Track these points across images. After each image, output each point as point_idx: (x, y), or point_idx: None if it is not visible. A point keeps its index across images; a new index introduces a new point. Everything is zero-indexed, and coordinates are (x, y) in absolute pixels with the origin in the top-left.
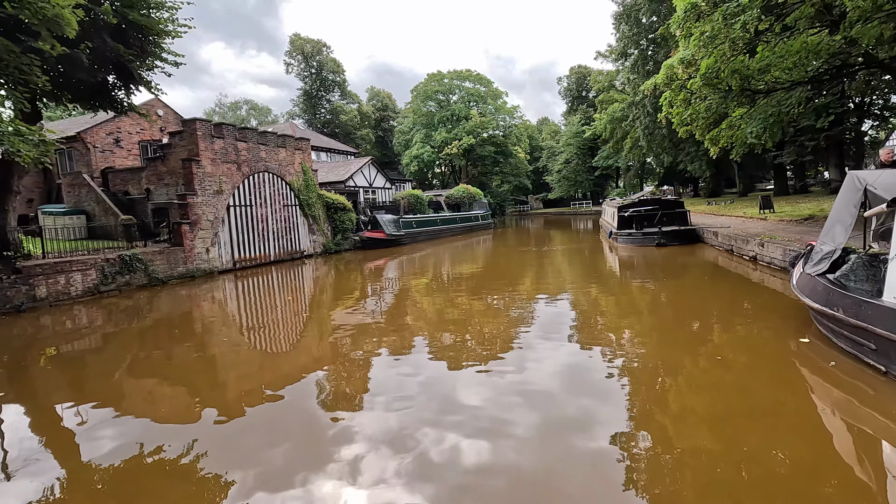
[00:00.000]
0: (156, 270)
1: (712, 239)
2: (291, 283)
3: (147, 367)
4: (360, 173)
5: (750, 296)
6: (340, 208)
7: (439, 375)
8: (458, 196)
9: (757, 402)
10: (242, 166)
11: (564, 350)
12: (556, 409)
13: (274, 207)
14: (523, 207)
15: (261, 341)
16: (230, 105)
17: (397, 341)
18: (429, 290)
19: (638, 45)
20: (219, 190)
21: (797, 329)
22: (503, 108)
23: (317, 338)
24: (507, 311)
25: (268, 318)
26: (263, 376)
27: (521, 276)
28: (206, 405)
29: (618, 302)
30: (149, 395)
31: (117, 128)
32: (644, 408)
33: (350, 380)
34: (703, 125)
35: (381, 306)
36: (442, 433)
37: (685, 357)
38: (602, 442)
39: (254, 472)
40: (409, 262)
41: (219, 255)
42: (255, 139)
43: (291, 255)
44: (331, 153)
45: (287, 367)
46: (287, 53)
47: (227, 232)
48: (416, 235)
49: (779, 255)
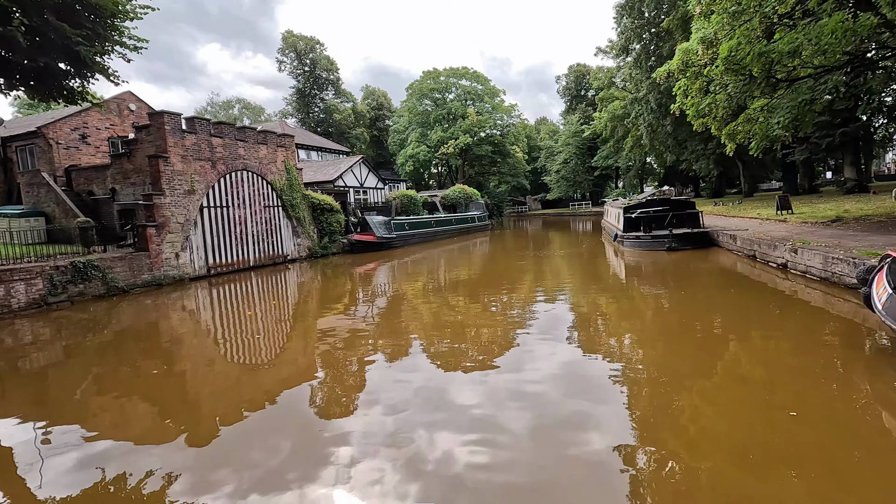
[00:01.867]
0: (115, 278)
1: (729, 243)
2: (271, 291)
3: (106, 384)
4: (350, 173)
5: (791, 314)
6: (327, 209)
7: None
8: (455, 197)
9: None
10: (218, 164)
11: (574, 388)
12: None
13: (254, 209)
14: (521, 208)
15: (237, 354)
16: (222, 104)
17: (381, 362)
18: (415, 304)
19: (641, 38)
20: (190, 189)
21: (878, 365)
22: (500, 107)
23: (296, 351)
24: (504, 335)
25: (244, 328)
26: (241, 392)
27: (519, 284)
28: (177, 426)
29: (632, 318)
30: (101, 415)
31: (83, 122)
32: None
33: (337, 396)
34: (723, 116)
35: (365, 318)
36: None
37: (738, 408)
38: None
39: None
40: (401, 268)
41: (190, 261)
42: (233, 135)
43: (273, 259)
44: (322, 152)
45: (266, 382)
46: (280, 51)
47: (199, 235)
48: (408, 238)
49: (818, 264)
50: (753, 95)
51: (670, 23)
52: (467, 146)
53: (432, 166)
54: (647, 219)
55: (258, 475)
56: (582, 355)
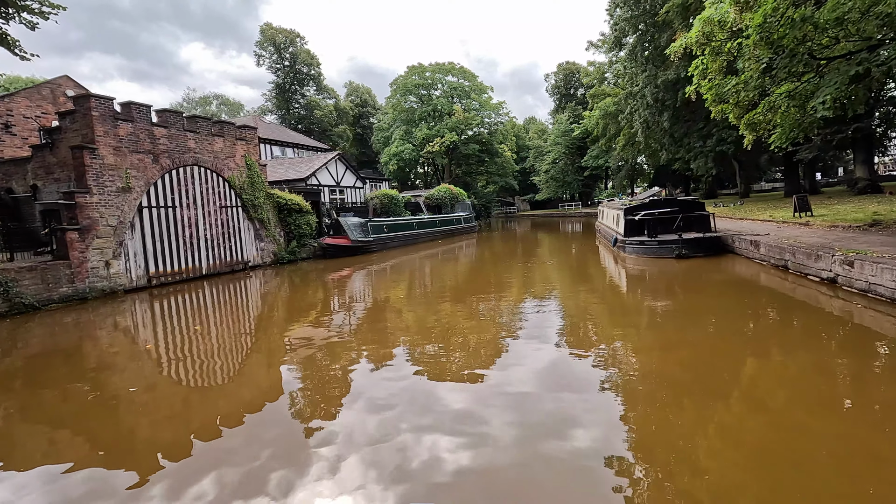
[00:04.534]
0: (23, 293)
1: (749, 250)
2: (223, 303)
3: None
4: (324, 170)
5: (876, 353)
6: (296, 210)
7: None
8: (439, 197)
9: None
10: (161, 158)
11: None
12: None
13: (207, 209)
14: (510, 209)
15: (180, 377)
16: (199, 100)
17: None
18: (388, 327)
19: (636, 29)
20: (125, 187)
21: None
22: (488, 104)
23: (248, 373)
24: (488, 375)
25: (190, 347)
26: (189, 421)
27: (506, 298)
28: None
29: (651, 353)
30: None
31: (7, 109)
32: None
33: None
34: (750, 99)
35: (310, 341)
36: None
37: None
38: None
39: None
40: (379, 275)
41: (125, 270)
42: (180, 124)
43: (232, 266)
44: (299, 149)
45: (214, 410)
46: (258, 44)
47: (138, 240)
48: (387, 241)
49: (890, 282)
50: (782, 77)
51: (670, 8)
52: (454, 144)
53: (418, 166)
54: (653, 221)
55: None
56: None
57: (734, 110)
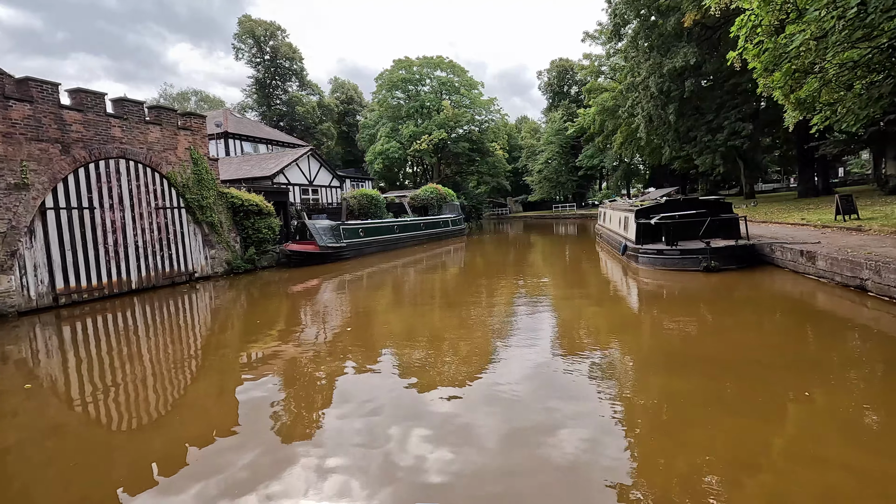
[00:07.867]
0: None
1: (799, 262)
2: (153, 324)
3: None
4: (294, 167)
5: None
6: (254, 212)
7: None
8: (426, 197)
9: None
10: (74, 148)
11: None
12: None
13: (138, 211)
14: (502, 210)
15: (93, 417)
16: (177, 96)
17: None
18: (354, 358)
19: (638, 14)
20: (20, 183)
21: None
22: (478, 100)
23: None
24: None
25: (105, 382)
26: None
27: (494, 336)
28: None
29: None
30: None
31: None
32: None
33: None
34: (830, 63)
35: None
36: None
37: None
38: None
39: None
40: (353, 286)
41: (20, 287)
42: (101, 108)
43: (172, 278)
44: (273, 145)
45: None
46: (236, 36)
47: (40, 249)
48: (362, 247)
49: None
50: (846, 43)
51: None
52: (443, 143)
53: (407, 165)
54: (674, 226)
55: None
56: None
57: (788, 82)
